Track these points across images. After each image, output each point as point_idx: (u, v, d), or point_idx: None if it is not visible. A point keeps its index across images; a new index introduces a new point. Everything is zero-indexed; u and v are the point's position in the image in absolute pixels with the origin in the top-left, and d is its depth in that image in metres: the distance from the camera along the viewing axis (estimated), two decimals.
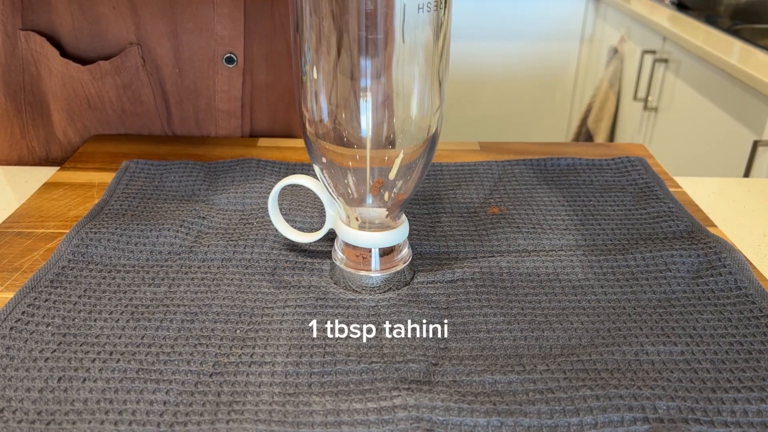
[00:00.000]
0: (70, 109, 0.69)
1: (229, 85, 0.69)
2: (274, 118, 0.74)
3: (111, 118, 0.70)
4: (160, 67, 0.68)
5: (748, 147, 1.26)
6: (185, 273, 0.47)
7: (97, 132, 0.71)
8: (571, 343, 0.40)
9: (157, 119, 0.71)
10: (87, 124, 0.70)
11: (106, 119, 0.70)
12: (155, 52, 0.67)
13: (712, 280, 0.46)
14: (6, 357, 0.38)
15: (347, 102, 0.40)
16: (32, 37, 0.66)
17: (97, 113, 0.70)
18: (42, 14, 0.66)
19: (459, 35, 2.30)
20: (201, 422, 0.34)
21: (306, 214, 0.54)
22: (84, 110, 0.69)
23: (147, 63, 0.67)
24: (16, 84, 0.69)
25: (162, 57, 0.68)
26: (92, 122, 0.70)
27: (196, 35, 0.67)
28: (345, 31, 0.37)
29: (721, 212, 0.59)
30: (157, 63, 0.68)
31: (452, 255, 0.49)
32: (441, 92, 0.41)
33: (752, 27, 1.65)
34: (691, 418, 0.34)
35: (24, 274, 0.47)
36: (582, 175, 0.62)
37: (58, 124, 0.70)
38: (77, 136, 0.71)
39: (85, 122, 0.70)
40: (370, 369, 0.38)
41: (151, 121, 0.71)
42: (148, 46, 0.67)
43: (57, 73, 0.67)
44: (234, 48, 0.67)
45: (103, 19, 0.66)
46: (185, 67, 0.68)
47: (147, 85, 0.68)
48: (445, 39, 0.40)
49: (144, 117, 0.71)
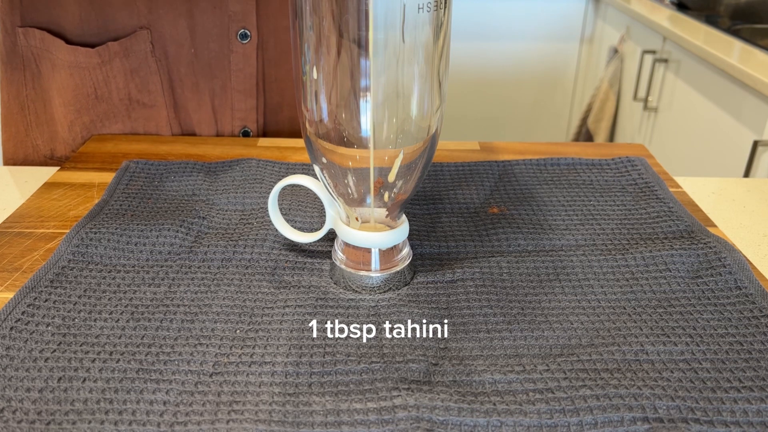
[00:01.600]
0: (76, 101, 0.69)
1: (245, 63, 0.69)
2: (283, 94, 0.73)
3: (117, 110, 0.70)
4: (171, 53, 0.68)
5: (748, 147, 1.26)
6: (185, 273, 0.47)
7: (104, 126, 0.71)
8: (571, 343, 0.40)
9: (163, 110, 0.70)
10: (93, 117, 0.70)
11: (113, 111, 0.70)
12: (166, 37, 0.67)
13: (711, 279, 0.46)
14: (6, 357, 0.38)
15: (347, 102, 0.40)
16: (31, 33, 0.66)
17: (104, 105, 0.69)
18: (42, 9, 0.65)
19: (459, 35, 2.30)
20: (201, 422, 0.34)
21: (306, 214, 0.54)
22: (91, 102, 0.69)
23: (156, 48, 0.67)
24: (18, 82, 0.69)
25: (176, 39, 0.67)
26: (98, 115, 0.70)
27: (210, 13, 0.67)
28: (345, 31, 0.37)
29: (721, 212, 0.59)
30: (167, 49, 0.68)
31: (452, 255, 0.49)
32: (441, 92, 0.41)
33: (752, 27, 1.65)
34: (691, 418, 0.34)
35: (24, 274, 0.47)
36: (582, 175, 0.62)
37: (64, 120, 0.70)
38: (84, 130, 0.70)
39: (91, 116, 0.70)
40: (370, 369, 0.38)
41: (158, 111, 0.70)
42: (159, 31, 0.67)
43: (63, 64, 0.67)
44: (247, 23, 0.67)
45: (111, 6, 0.65)
46: (201, 47, 0.68)
47: (155, 72, 0.68)
48: (445, 39, 0.40)
49: (150, 108, 0.70)
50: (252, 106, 0.71)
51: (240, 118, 0.72)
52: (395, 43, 0.38)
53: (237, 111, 0.71)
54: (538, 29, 2.33)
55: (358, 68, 0.38)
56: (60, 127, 0.70)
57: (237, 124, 0.72)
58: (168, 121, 0.71)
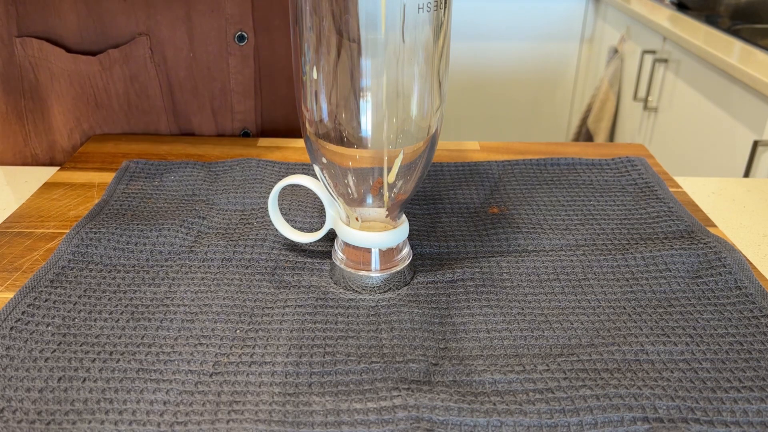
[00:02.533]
0: (76, 109, 0.69)
1: (243, 64, 0.69)
2: (277, 93, 0.73)
3: (117, 116, 0.70)
4: (170, 58, 0.68)
5: (748, 147, 1.26)
6: (185, 273, 0.47)
7: (103, 133, 0.71)
8: (571, 343, 0.40)
9: (162, 115, 0.71)
10: (93, 124, 0.70)
11: (112, 118, 0.70)
12: (165, 42, 0.67)
13: (711, 279, 0.46)
14: (6, 357, 0.38)
15: (347, 102, 0.40)
16: (28, 42, 0.66)
17: (103, 111, 0.70)
18: (39, 19, 0.66)
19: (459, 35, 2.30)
20: (201, 422, 0.34)
21: (306, 214, 0.54)
22: (90, 109, 0.69)
23: (155, 54, 0.67)
24: (16, 92, 0.69)
25: (175, 44, 0.68)
26: (98, 122, 0.70)
27: (208, 17, 0.67)
28: (345, 31, 0.37)
29: (721, 212, 0.59)
30: (166, 54, 0.68)
31: (452, 255, 0.49)
32: (441, 92, 0.41)
33: (752, 27, 1.65)
34: (691, 418, 0.34)
35: (24, 274, 0.47)
36: (582, 175, 0.62)
37: (63, 128, 0.70)
38: (83, 137, 0.71)
39: (91, 122, 0.70)
40: (370, 369, 0.38)
41: (157, 117, 0.71)
42: (158, 36, 0.67)
43: (62, 73, 0.67)
44: (244, 25, 0.68)
45: (110, 13, 0.66)
46: (199, 50, 0.68)
47: (154, 77, 0.68)
48: (445, 39, 0.40)
49: (150, 113, 0.71)
50: (251, 107, 0.72)
51: (240, 120, 0.72)
52: (395, 43, 0.38)
53: (237, 113, 0.72)
54: (538, 29, 2.33)
55: (358, 68, 0.38)
56: (59, 136, 0.71)
57: (237, 126, 0.72)
58: (168, 126, 0.72)
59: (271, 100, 0.73)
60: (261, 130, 0.74)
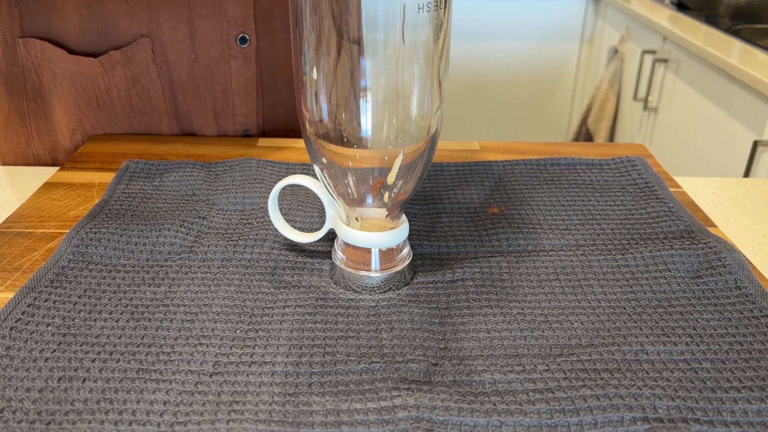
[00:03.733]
0: (78, 110, 0.69)
1: (245, 66, 0.69)
2: (277, 95, 0.73)
3: (119, 118, 0.70)
4: (172, 60, 0.68)
5: (748, 147, 1.26)
6: (185, 273, 0.47)
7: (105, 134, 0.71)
8: (571, 343, 0.40)
9: (165, 117, 0.71)
10: (95, 125, 0.71)
11: (114, 119, 0.70)
12: (167, 44, 0.67)
13: (711, 279, 0.46)
14: (6, 357, 0.38)
15: (347, 102, 0.40)
16: (31, 43, 0.66)
17: (106, 113, 0.70)
18: (42, 20, 0.66)
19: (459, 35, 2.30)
20: (201, 422, 0.34)
21: (306, 214, 0.54)
22: (93, 110, 0.70)
23: (157, 56, 0.67)
24: (18, 92, 0.69)
25: (177, 46, 0.68)
26: (100, 123, 0.71)
27: (210, 19, 0.67)
28: (345, 31, 0.37)
29: (721, 212, 0.59)
30: (168, 56, 0.68)
31: (452, 255, 0.49)
32: (441, 92, 0.41)
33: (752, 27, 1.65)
34: (691, 418, 0.34)
35: (24, 274, 0.47)
36: (582, 175, 0.62)
37: (65, 129, 0.70)
38: (86, 138, 0.71)
39: (93, 123, 0.70)
40: (370, 369, 0.38)
41: (158, 118, 0.71)
42: (160, 39, 0.67)
43: (64, 74, 0.67)
44: (246, 28, 0.68)
45: (112, 15, 0.66)
46: (201, 53, 0.68)
47: (156, 79, 0.68)
48: (445, 39, 0.40)
49: (152, 115, 0.71)
50: (252, 109, 0.72)
51: (241, 122, 0.72)
52: (395, 43, 0.38)
53: (238, 115, 0.72)
54: (538, 29, 2.33)
55: (358, 68, 0.38)
56: (61, 136, 0.71)
57: (239, 128, 0.73)
58: (169, 128, 0.72)
59: (273, 103, 0.73)
60: (262, 132, 0.74)
